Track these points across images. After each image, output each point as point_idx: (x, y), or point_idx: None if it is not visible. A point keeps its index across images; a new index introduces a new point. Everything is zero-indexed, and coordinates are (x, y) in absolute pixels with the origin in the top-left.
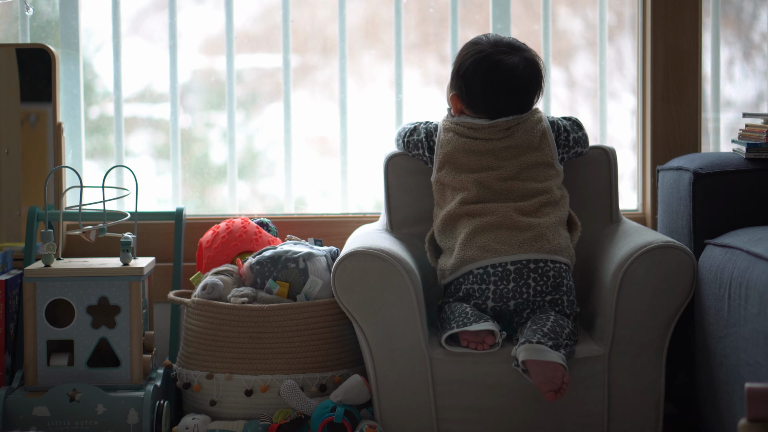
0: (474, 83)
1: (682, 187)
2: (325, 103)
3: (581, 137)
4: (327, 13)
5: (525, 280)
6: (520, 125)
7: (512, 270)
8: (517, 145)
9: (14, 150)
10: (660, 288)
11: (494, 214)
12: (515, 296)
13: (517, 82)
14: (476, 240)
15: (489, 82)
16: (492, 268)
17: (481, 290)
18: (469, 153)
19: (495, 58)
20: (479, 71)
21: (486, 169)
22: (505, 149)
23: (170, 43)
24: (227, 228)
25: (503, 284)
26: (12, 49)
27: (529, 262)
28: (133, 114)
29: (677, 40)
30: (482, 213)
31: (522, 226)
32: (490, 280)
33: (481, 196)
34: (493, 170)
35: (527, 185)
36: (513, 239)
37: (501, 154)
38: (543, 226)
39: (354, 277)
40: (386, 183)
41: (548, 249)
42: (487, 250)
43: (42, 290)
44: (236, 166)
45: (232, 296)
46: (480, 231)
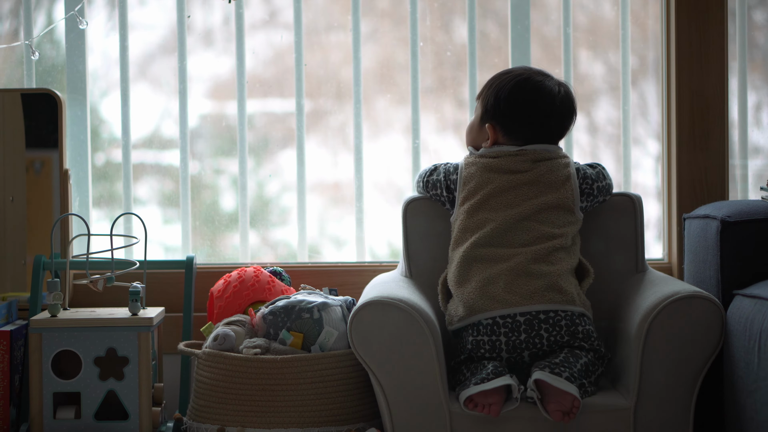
0: (518, 105)
1: (709, 236)
2: (339, 149)
3: (605, 186)
4: (341, 57)
5: (537, 331)
6: (547, 162)
7: (522, 321)
8: (540, 182)
9: (19, 197)
10: (687, 340)
11: (507, 261)
12: (528, 347)
13: (558, 105)
14: (487, 289)
15: (535, 103)
16: (501, 319)
17: (491, 342)
18: (490, 189)
19: (536, 79)
20: (524, 92)
21: (505, 208)
22: (528, 186)
23: (179, 87)
24: (239, 277)
25: (515, 336)
26: (17, 94)
27: (539, 313)
28: (140, 160)
29: (702, 85)
30: (495, 259)
31: (533, 274)
32: (500, 331)
33: (495, 238)
34: (512, 209)
35: (543, 228)
36: (523, 288)
37: (522, 192)
38: (554, 274)
39: (371, 327)
40: (405, 228)
41: (560, 300)
42: (497, 300)
43: (48, 341)
44: (248, 213)
45: (245, 347)
46: (492, 280)
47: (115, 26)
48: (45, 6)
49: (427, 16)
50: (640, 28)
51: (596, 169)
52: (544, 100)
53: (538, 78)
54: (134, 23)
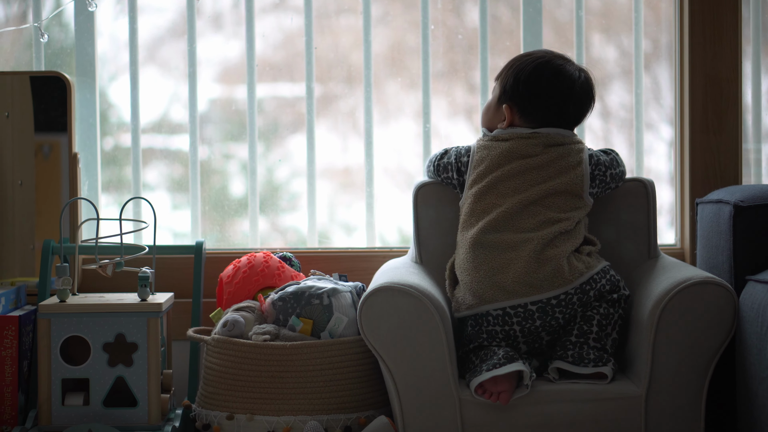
0: (538, 87)
1: (722, 221)
2: (349, 134)
3: (618, 174)
4: (351, 41)
5: (552, 315)
6: (559, 147)
7: (534, 309)
8: (550, 167)
9: (28, 182)
10: (699, 326)
11: (515, 249)
12: (546, 329)
13: (577, 90)
14: (496, 278)
15: (555, 86)
16: (512, 309)
17: (505, 331)
18: (500, 173)
19: (557, 63)
20: (544, 75)
21: (513, 193)
22: (537, 170)
23: (189, 71)
24: (248, 263)
25: (529, 323)
26: (26, 77)
27: (551, 299)
28: (149, 145)
29: (716, 69)
30: (503, 246)
31: (541, 260)
32: (513, 321)
33: (502, 223)
34: (520, 194)
35: (548, 213)
36: (532, 277)
37: (531, 176)
38: (559, 257)
39: (381, 313)
40: (415, 214)
41: (569, 279)
42: (505, 290)
43: (57, 327)
44: (257, 198)
45: (254, 333)
46: (500, 269)
47: (125, 9)
48: None
49: (438, 0)
50: (653, 11)
51: (610, 155)
52: (563, 83)
53: (559, 62)
54: (143, 6)
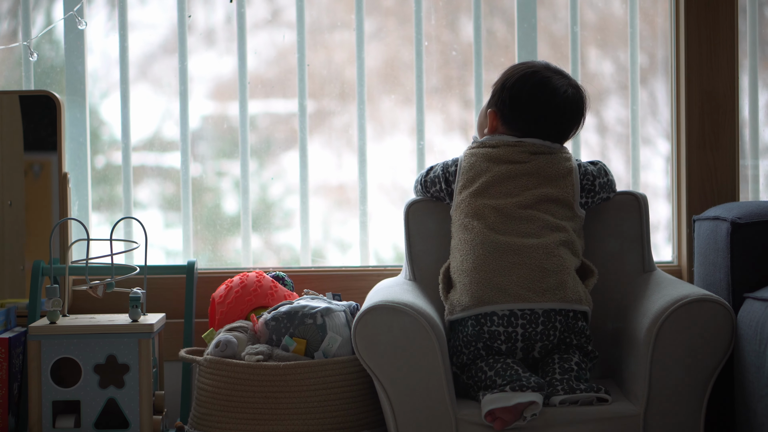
0: (520, 95)
1: (719, 238)
2: (343, 151)
3: (607, 183)
4: (344, 57)
5: (552, 323)
6: (546, 155)
7: (540, 313)
8: (539, 174)
9: (17, 201)
10: (697, 344)
11: (518, 254)
12: (542, 339)
13: (562, 103)
14: (497, 281)
15: (536, 97)
16: (520, 311)
17: (507, 333)
18: (489, 177)
19: (545, 75)
20: (527, 84)
21: (505, 196)
22: (527, 177)
23: (180, 88)
24: (241, 282)
25: (532, 327)
26: (15, 96)
27: (553, 311)
28: (141, 163)
29: (713, 83)
30: (502, 249)
31: (546, 270)
32: (518, 323)
33: (499, 225)
34: (512, 197)
35: (546, 218)
36: (537, 285)
37: (521, 182)
38: (563, 272)
39: (376, 332)
40: (407, 231)
41: (571, 299)
42: (511, 294)
43: (47, 348)
44: (250, 217)
45: (247, 354)
46: (501, 272)
47: (115, 26)
48: (44, 6)
49: (432, 15)
50: (650, 25)
51: (597, 165)
52: (545, 95)
53: (546, 74)
54: (134, 23)
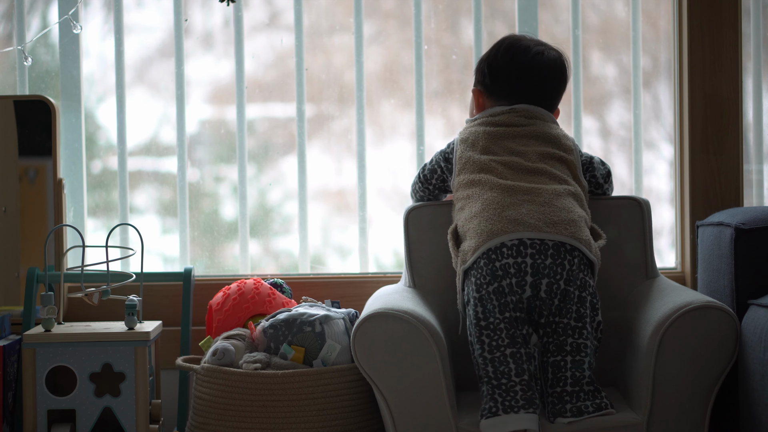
0: (498, 66)
1: (723, 244)
2: (342, 155)
3: (603, 166)
4: (343, 60)
5: (562, 259)
6: (543, 122)
7: (551, 245)
8: (538, 136)
9: (12, 208)
10: (701, 352)
11: (526, 193)
12: (550, 274)
13: (541, 65)
14: (506, 214)
15: (512, 60)
16: (529, 240)
17: (517, 264)
18: (489, 139)
19: (522, 44)
20: (505, 55)
21: (509, 153)
22: (527, 137)
23: (177, 92)
24: (239, 289)
25: (541, 258)
26: (9, 101)
27: (565, 244)
28: (137, 168)
29: (716, 87)
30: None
31: (555, 207)
32: (527, 252)
33: (508, 175)
34: (516, 155)
35: (553, 172)
36: (549, 218)
37: (523, 141)
38: (574, 213)
39: (375, 340)
40: (406, 238)
41: (583, 240)
42: (521, 223)
43: (42, 356)
44: (248, 223)
45: (244, 362)
46: (511, 205)
47: (111, 29)
48: (39, 9)
49: (432, 18)
50: (653, 27)
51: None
52: (521, 56)
53: (516, 37)
54: (131, 26)
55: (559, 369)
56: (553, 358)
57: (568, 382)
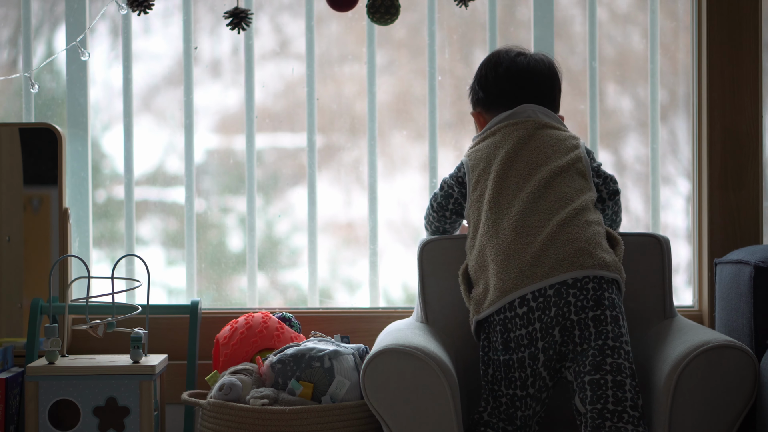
0: (486, 77)
1: (741, 283)
2: (352, 187)
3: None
4: (355, 90)
5: (564, 299)
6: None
7: (552, 294)
8: (546, 146)
9: (16, 237)
10: (718, 392)
11: (534, 234)
12: (558, 321)
13: (525, 64)
14: (513, 265)
15: (499, 67)
16: (533, 301)
17: (529, 334)
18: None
19: (503, 51)
20: (488, 65)
21: (519, 179)
22: (536, 150)
23: (185, 121)
24: (246, 323)
25: (546, 315)
26: (15, 129)
27: (567, 280)
28: (143, 197)
29: (736, 121)
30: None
31: (559, 241)
32: (534, 317)
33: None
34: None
35: (561, 190)
36: (552, 258)
37: (532, 157)
38: (580, 239)
39: (385, 377)
40: (420, 272)
41: (590, 264)
42: (525, 275)
43: (45, 390)
44: (256, 255)
45: (252, 398)
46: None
47: (119, 56)
48: (45, 35)
49: (446, 48)
50: (670, 60)
51: None
52: (503, 60)
53: (508, 55)
54: (138, 53)
55: (599, 387)
56: (590, 377)
57: (609, 401)
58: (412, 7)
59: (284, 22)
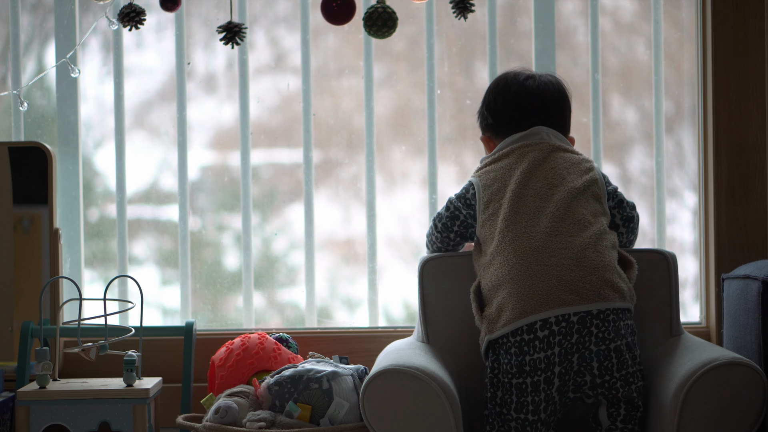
0: (495, 102)
1: (749, 298)
2: (351, 203)
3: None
4: (352, 104)
5: (588, 329)
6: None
7: (575, 321)
8: (560, 167)
9: (6, 258)
10: (726, 410)
11: (554, 255)
12: (579, 349)
13: (534, 87)
14: (534, 287)
15: (507, 91)
16: (556, 325)
17: (547, 358)
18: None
19: (511, 74)
20: (497, 89)
21: (536, 198)
22: (551, 171)
23: (179, 137)
24: (242, 344)
25: (566, 340)
26: (4, 148)
27: (591, 311)
28: (136, 216)
29: (742, 133)
30: (539, 252)
31: (585, 267)
32: (554, 341)
33: (536, 231)
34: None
35: (579, 212)
36: (578, 286)
37: (547, 176)
38: (605, 267)
39: (385, 398)
40: (421, 290)
41: (613, 297)
42: (551, 299)
43: (36, 415)
44: (252, 274)
45: (248, 421)
46: (537, 276)
47: (110, 72)
48: (35, 51)
49: (445, 60)
50: (676, 71)
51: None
52: (511, 83)
53: (505, 72)
54: (130, 69)
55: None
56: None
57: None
58: (410, 19)
59: (280, 36)
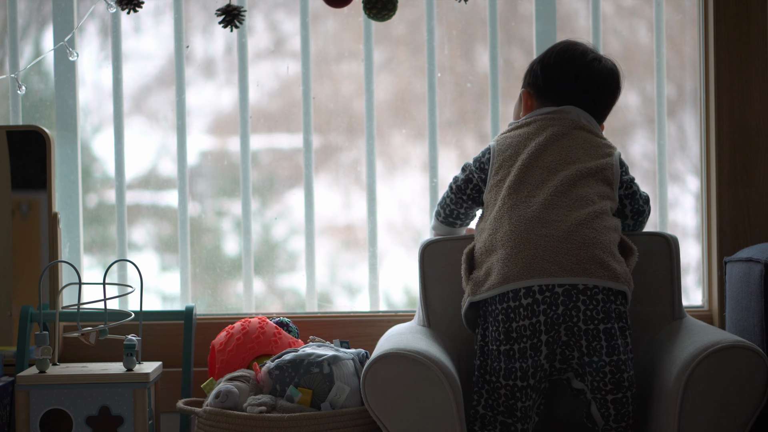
0: (552, 67)
1: (752, 281)
2: (351, 188)
3: (642, 195)
4: (352, 89)
5: (574, 303)
6: (587, 133)
7: (560, 292)
8: (578, 146)
9: (4, 243)
10: (729, 393)
11: (546, 227)
12: (565, 320)
13: (597, 72)
14: (523, 255)
15: (570, 65)
16: (540, 294)
17: (532, 325)
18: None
19: (579, 48)
20: (561, 57)
21: (544, 172)
22: (567, 148)
23: (178, 122)
24: (243, 329)
25: (552, 310)
26: (2, 132)
27: (577, 285)
28: (135, 201)
29: (745, 116)
30: (534, 222)
31: (575, 241)
32: (539, 309)
33: (536, 201)
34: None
35: (584, 191)
36: (564, 258)
37: (561, 154)
38: (595, 245)
39: (386, 382)
40: (422, 274)
41: (601, 275)
42: (534, 268)
43: (36, 399)
44: (252, 259)
45: (249, 405)
46: (528, 243)
47: (109, 56)
48: (32, 35)
49: (445, 44)
50: (678, 54)
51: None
52: (576, 59)
53: (572, 42)
54: (129, 53)
55: (623, 405)
56: (612, 396)
57: (631, 416)
58: (410, 2)
59: (279, 20)
